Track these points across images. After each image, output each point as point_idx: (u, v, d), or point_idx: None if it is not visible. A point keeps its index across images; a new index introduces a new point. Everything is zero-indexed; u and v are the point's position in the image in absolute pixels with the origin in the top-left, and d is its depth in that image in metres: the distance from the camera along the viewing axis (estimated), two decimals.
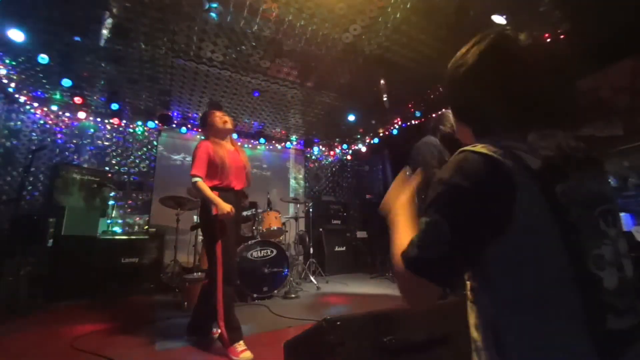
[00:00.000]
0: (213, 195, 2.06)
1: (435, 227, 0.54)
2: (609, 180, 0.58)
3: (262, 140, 5.97)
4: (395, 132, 5.42)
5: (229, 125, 2.32)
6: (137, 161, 5.03)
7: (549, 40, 3.19)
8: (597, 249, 0.49)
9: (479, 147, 0.54)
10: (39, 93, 4.20)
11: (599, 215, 0.52)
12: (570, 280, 0.47)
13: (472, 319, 0.59)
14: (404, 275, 0.56)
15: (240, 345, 1.95)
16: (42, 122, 4.39)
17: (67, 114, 4.54)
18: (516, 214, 0.48)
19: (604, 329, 0.46)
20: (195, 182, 2.07)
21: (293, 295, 3.60)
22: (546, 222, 0.49)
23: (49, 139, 4.38)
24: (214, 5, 2.78)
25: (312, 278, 4.32)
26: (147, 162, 5.11)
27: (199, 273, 3.43)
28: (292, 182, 6.54)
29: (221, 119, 2.29)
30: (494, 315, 0.53)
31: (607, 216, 0.52)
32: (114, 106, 4.41)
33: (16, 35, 3.01)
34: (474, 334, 0.57)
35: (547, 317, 0.47)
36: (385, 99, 4.22)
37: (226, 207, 2.02)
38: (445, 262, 0.54)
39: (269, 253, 3.62)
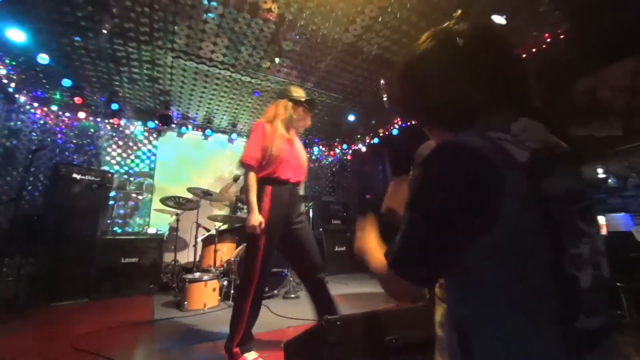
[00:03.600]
0: (253, 201, 1.79)
1: (413, 226, 0.51)
2: (584, 176, 0.55)
3: None
4: (395, 132, 5.42)
5: (304, 124, 2.12)
6: (137, 161, 5.03)
7: (549, 40, 3.19)
8: (575, 249, 0.46)
9: (462, 140, 0.51)
10: (39, 93, 4.20)
11: (578, 213, 0.49)
12: (548, 280, 0.45)
13: (437, 316, 0.57)
14: (387, 274, 0.55)
15: (251, 355, 1.78)
16: (42, 122, 4.38)
17: (67, 114, 4.54)
18: (501, 211, 0.45)
19: (574, 328, 0.44)
20: (247, 171, 1.81)
21: (293, 295, 3.59)
22: (531, 219, 0.46)
23: (49, 139, 4.38)
24: (214, 4, 2.78)
25: None
26: (147, 162, 5.11)
27: (199, 273, 3.43)
28: None
29: (303, 114, 2.09)
30: (463, 315, 0.50)
31: (585, 213, 0.50)
32: (114, 106, 4.40)
33: (16, 35, 3.01)
34: (438, 331, 0.56)
35: (519, 316, 0.44)
36: (385, 99, 4.22)
37: (254, 221, 1.75)
38: (422, 263, 0.51)
39: None
